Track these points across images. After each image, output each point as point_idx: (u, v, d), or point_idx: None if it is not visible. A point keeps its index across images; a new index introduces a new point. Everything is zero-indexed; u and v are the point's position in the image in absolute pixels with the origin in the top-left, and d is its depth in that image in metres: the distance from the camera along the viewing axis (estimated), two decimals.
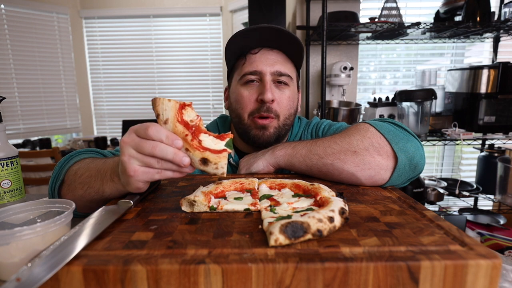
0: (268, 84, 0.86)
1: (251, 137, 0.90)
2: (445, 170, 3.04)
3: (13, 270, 0.45)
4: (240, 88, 0.90)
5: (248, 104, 0.88)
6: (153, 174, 0.54)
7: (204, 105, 3.95)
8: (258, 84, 0.88)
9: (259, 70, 0.86)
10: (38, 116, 3.59)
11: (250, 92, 0.88)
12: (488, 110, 2.06)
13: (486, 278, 0.37)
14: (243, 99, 0.88)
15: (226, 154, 0.53)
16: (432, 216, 0.49)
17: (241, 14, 3.51)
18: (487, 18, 1.96)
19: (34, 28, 3.48)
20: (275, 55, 0.88)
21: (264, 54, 0.87)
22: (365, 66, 2.94)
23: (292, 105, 0.91)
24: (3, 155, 0.86)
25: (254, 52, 0.87)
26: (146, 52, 3.87)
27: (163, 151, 0.51)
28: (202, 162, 0.52)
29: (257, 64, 0.86)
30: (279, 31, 0.84)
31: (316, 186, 0.59)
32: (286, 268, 0.36)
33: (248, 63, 0.88)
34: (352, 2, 2.32)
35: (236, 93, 0.91)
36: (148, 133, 0.51)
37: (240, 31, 0.86)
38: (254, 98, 0.87)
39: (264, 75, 0.86)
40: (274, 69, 0.86)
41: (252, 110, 0.88)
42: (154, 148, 0.51)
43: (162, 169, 0.54)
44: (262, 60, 0.86)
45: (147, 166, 0.53)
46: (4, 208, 0.53)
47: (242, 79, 0.89)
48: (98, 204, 0.67)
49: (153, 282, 0.37)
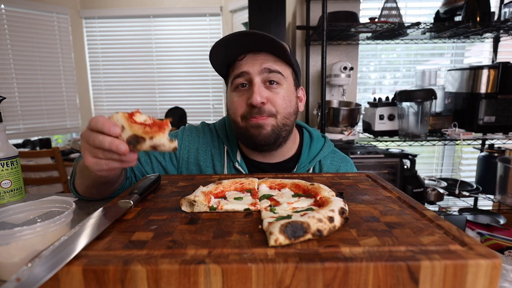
0: (256, 86, 0.83)
1: (248, 138, 0.88)
2: (445, 170, 3.04)
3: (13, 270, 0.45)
4: (232, 94, 0.89)
5: (239, 108, 0.87)
6: (102, 165, 0.58)
7: (204, 105, 3.95)
8: (248, 88, 0.86)
9: (246, 70, 0.84)
10: (38, 116, 3.59)
11: (241, 97, 0.87)
12: (488, 110, 2.06)
13: (486, 278, 0.37)
14: (234, 104, 0.88)
15: (167, 128, 0.58)
16: (432, 216, 0.49)
17: (241, 14, 3.51)
18: (487, 18, 1.96)
19: (34, 28, 3.48)
20: (262, 56, 0.86)
21: (251, 57, 0.86)
22: (365, 66, 2.94)
23: (289, 104, 0.88)
24: (3, 155, 0.86)
25: (240, 59, 0.86)
26: (146, 52, 3.87)
27: (101, 141, 0.55)
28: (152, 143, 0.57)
29: (243, 66, 0.85)
30: (254, 34, 0.80)
31: (316, 186, 0.59)
32: (286, 268, 0.36)
33: (236, 68, 0.87)
34: (352, 2, 2.32)
35: (229, 99, 0.91)
36: (91, 125, 0.56)
37: (218, 41, 0.83)
38: (244, 102, 0.86)
39: (253, 76, 0.84)
40: (262, 67, 0.84)
41: (244, 113, 0.86)
42: (95, 139, 0.55)
43: (107, 159, 0.58)
44: (248, 62, 0.85)
45: (96, 157, 0.58)
46: (4, 208, 0.53)
47: (232, 84, 0.88)
48: (97, 189, 0.80)
49: (153, 282, 0.37)
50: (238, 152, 0.97)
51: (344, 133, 2.10)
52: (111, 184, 0.80)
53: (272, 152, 0.94)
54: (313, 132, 1.02)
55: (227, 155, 0.97)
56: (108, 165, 0.58)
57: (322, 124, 1.95)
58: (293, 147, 0.98)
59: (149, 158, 0.97)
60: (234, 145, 0.97)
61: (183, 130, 1.03)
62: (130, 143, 0.56)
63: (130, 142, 0.56)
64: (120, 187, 0.88)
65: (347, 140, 2.13)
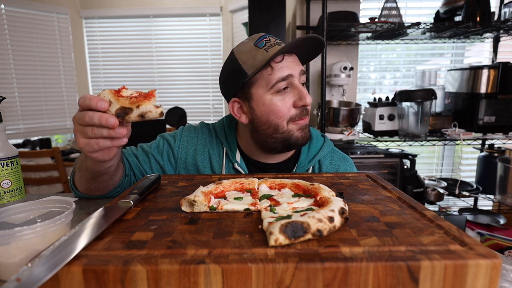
0: (303, 87, 0.86)
1: (292, 142, 0.88)
2: (445, 170, 3.04)
3: (13, 270, 0.45)
4: (273, 98, 0.86)
5: (286, 112, 0.86)
6: (93, 144, 0.60)
7: (204, 105, 3.95)
8: (289, 90, 0.86)
9: (291, 73, 0.84)
10: (38, 116, 3.59)
11: (284, 100, 0.86)
12: (488, 110, 2.06)
13: (486, 278, 0.37)
14: (279, 108, 0.86)
15: (154, 97, 0.59)
16: (432, 216, 0.49)
17: (241, 14, 3.51)
18: (487, 18, 1.96)
19: (34, 28, 3.48)
20: (293, 58, 0.87)
21: (286, 59, 0.85)
22: (365, 66, 2.94)
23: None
24: (3, 155, 0.86)
25: (278, 61, 0.85)
26: (146, 52, 3.87)
27: (91, 117, 0.57)
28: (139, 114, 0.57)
29: (285, 69, 0.84)
30: (319, 39, 0.84)
31: (316, 186, 0.59)
32: (286, 268, 0.36)
33: (276, 71, 0.84)
34: (352, 2, 2.32)
35: (267, 104, 0.86)
36: (80, 103, 0.58)
37: (290, 43, 0.82)
38: (290, 104, 0.86)
39: (295, 78, 0.86)
40: (300, 69, 0.87)
41: (292, 116, 0.87)
42: (84, 116, 0.57)
43: (97, 137, 0.59)
44: (287, 65, 0.85)
45: (87, 137, 0.60)
46: (4, 208, 0.53)
47: (273, 88, 0.85)
48: (96, 183, 0.81)
49: (153, 282, 0.37)
50: (238, 153, 0.97)
51: (344, 133, 2.10)
52: (109, 176, 0.80)
53: (284, 152, 0.95)
54: (313, 132, 1.02)
55: (226, 156, 0.97)
56: (98, 144, 0.60)
57: (322, 124, 1.95)
58: None
59: (147, 157, 0.97)
60: (234, 146, 0.97)
61: (182, 130, 1.02)
62: (118, 115, 0.57)
63: (119, 114, 0.57)
64: (119, 184, 0.87)
65: (347, 140, 2.13)
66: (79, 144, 0.61)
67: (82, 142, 0.61)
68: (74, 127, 0.61)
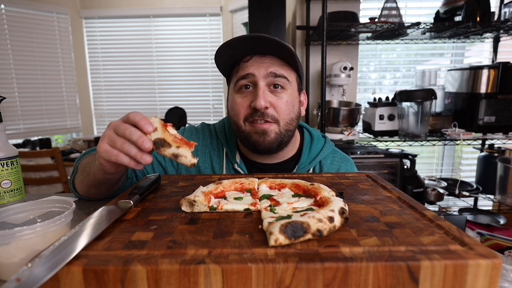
0: (261, 90, 0.83)
1: (251, 143, 0.87)
2: (445, 170, 3.04)
3: (13, 270, 0.45)
4: (235, 95, 0.88)
5: (241, 110, 0.86)
6: (112, 155, 0.59)
7: (204, 105, 3.95)
8: (252, 90, 0.85)
9: (251, 72, 0.83)
10: (38, 116, 3.59)
11: (244, 99, 0.86)
12: (488, 110, 2.06)
13: (486, 278, 0.37)
14: (237, 106, 0.86)
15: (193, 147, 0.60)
16: (432, 216, 0.49)
17: (241, 14, 3.50)
18: (487, 18, 1.96)
19: (34, 28, 3.48)
20: (269, 59, 0.85)
21: (257, 59, 0.85)
22: (365, 66, 2.94)
23: (291, 109, 0.87)
24: (3, 155, 0.86)
25: (246, 60, 0.85)
26: (146, 52, 3.87)
27: (131, 132, 0.57)
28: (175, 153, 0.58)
29: (248, 68, 0.84)
30: (262, 38, 0.80)
31: (316, 186, 0.59)
32: (286, 268, 0.36)
33: (241, 69, 0.86)
34: (352, 2, 2.32)
35: (231, 100, 0.90)
36: (129, 116, 0.59)
37: (224, 43, 0.82)
38: (247, 104, 0.85)
39: (258, 79, 0.83)
40: (268, 71, 0.83)
41: (246, 115, 0.86)
42: (126, 129, 0.58)
43: (122, 151, 0.59)
44: (254, 64, 0.84)
45: (112, 146, 0.59)
46: (4, 208, 0.53)
47: (236, 85, 0.87)
48: (97, 189, 0.79)
49: (153, 282, 0.37)
50: (237, 154, 0.97)
51: (344, 133, 2.10)
52: (110, 185, 0.79)
53: (273, 154, 0.94)
54: (314, 132, 1.02)
55: (226, 157, 0.97)
56: (116, 158, 0.59)
57: (322, 124, 1.95)
58: (294, 147, 0.98)
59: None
60: (233, 147, 0.97)
61: (183, 130, 1.03)
62: (155, 143, 0.57)
63: (156, 143, 0.57)
64: (121, 187, 0.87)
65: (347, 140, 2.13)
66: (99, 147, 0.60)
67: (103, 148, 0.60)
68: (106, 131, 0.61)
